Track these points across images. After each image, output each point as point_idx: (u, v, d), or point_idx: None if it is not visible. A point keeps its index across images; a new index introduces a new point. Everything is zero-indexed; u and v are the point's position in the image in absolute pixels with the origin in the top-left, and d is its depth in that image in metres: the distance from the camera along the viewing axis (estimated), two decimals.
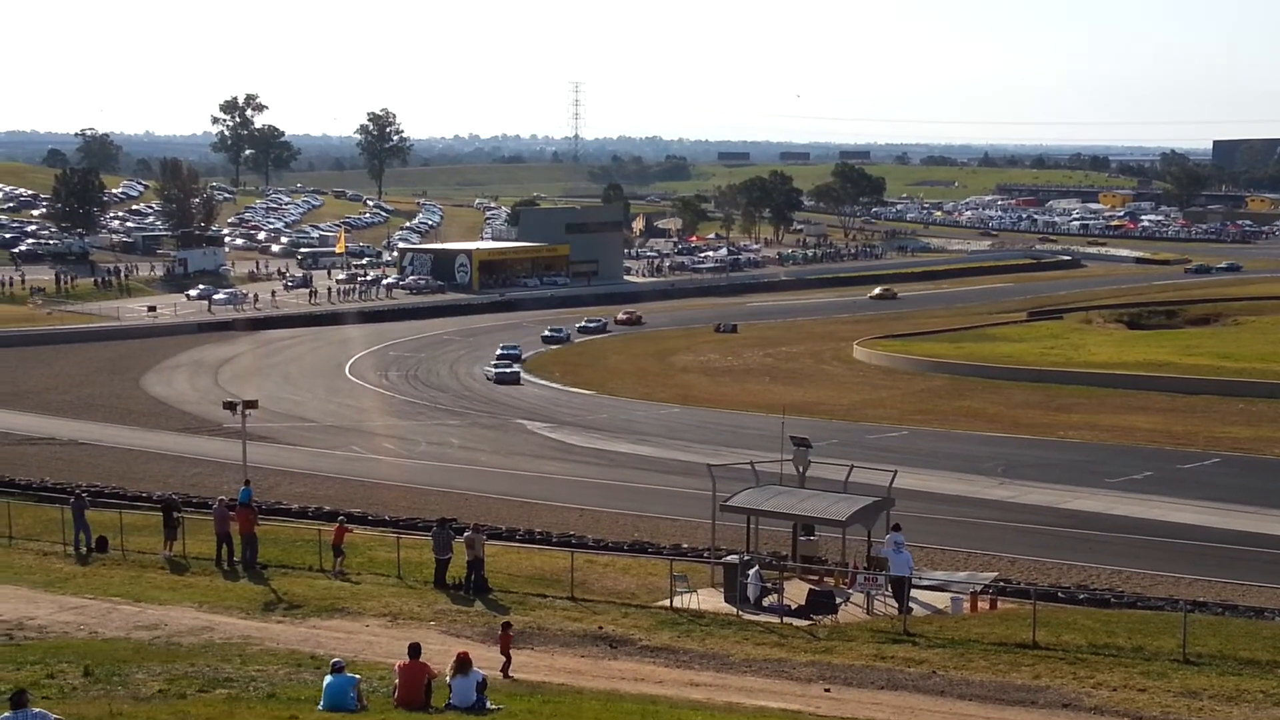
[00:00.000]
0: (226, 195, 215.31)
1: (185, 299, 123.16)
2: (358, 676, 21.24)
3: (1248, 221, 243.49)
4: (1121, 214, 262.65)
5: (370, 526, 42.20)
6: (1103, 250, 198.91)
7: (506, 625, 25.62)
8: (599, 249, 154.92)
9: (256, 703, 21.36)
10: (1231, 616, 31.16)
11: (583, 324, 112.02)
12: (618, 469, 56.66)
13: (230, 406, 46.49)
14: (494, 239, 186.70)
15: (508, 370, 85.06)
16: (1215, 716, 22.44)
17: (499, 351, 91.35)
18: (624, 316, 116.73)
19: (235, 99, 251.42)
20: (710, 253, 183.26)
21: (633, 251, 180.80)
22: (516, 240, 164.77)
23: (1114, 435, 62.55)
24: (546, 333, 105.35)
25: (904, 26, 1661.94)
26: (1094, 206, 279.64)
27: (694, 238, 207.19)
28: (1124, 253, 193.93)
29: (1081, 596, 33.94)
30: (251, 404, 46.51)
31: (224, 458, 55.10)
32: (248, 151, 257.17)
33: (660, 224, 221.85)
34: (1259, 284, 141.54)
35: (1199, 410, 68.81)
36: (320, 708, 20.51)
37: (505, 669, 24.57)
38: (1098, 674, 24.67)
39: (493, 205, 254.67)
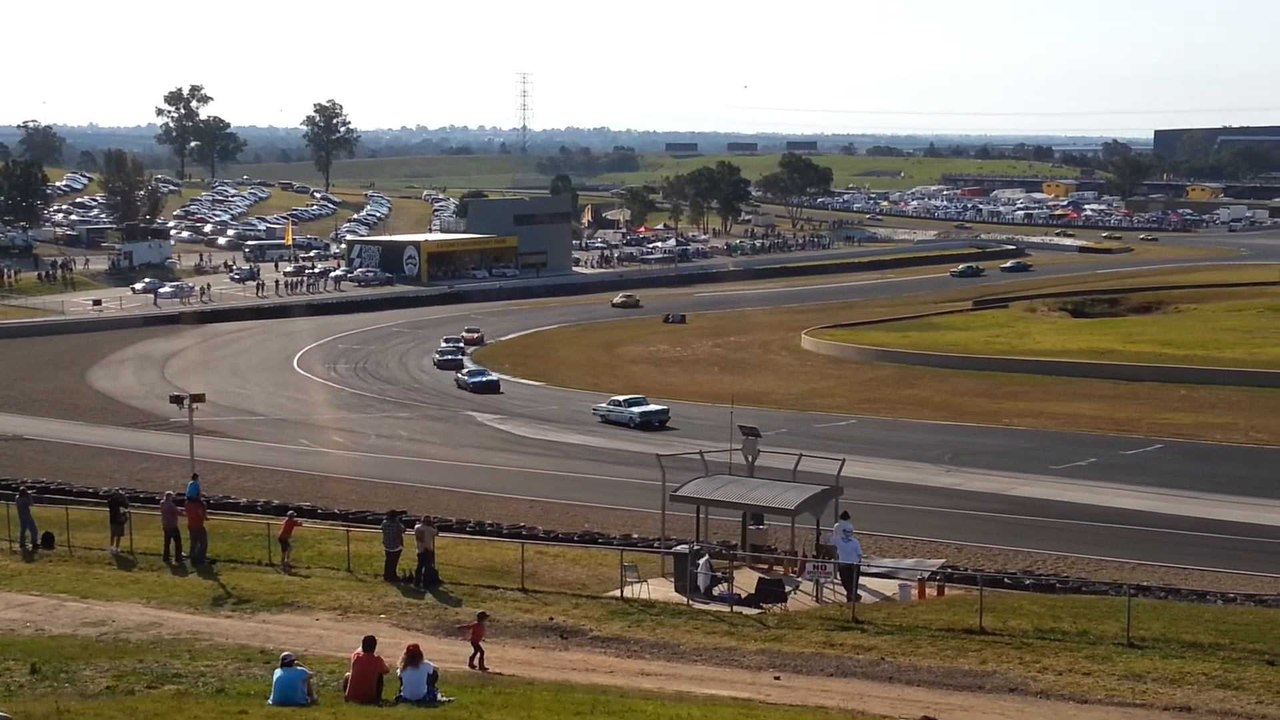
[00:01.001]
0: (172, 188, 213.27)
1: (130, 292, 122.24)
2: (308, 670, 21.18)
3: (1188, 210, 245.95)
4: (1065, 203, 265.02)
5: (320, 520, 42.03)
6: (1047, 239, 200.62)
7: (482, 616, 25.67)
8: (548, 240, 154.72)
9: (205, 698, 21.26)
10: (1174, 600, 31.57)
11: (441, 347, 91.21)
12: (567, 460, 56.72)
13: (177, 400, 46.12)
14: (442, 231, 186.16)
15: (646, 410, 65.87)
16: (1159, 699, 22.76)
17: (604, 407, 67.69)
18: (468, 334, 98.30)
19: (180, 90, 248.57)
20: (659, 243, 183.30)
21: (581, 243, 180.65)
22: (465, 232, 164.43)
23: (1058, 422, 63.16)
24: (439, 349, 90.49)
25: (850, 18, 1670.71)
26: (1038, 196, 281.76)
27: (642, 228, 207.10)
28: (1067, 241, 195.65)
29: (1027, 582, 34.33)
30: (198, 398, 46.22)
31: (171, 452, 54.72)
32: (193, 143, 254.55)
33: (608, 215, 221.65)
34: (1200, 272, 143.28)
35: (1142, 397, 69.59)
36: (270, 702, 20.45)
37: (476, 660, 24.62)
38: (1043, 658, 24.96)
39: (441, 197, 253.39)
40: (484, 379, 77.29)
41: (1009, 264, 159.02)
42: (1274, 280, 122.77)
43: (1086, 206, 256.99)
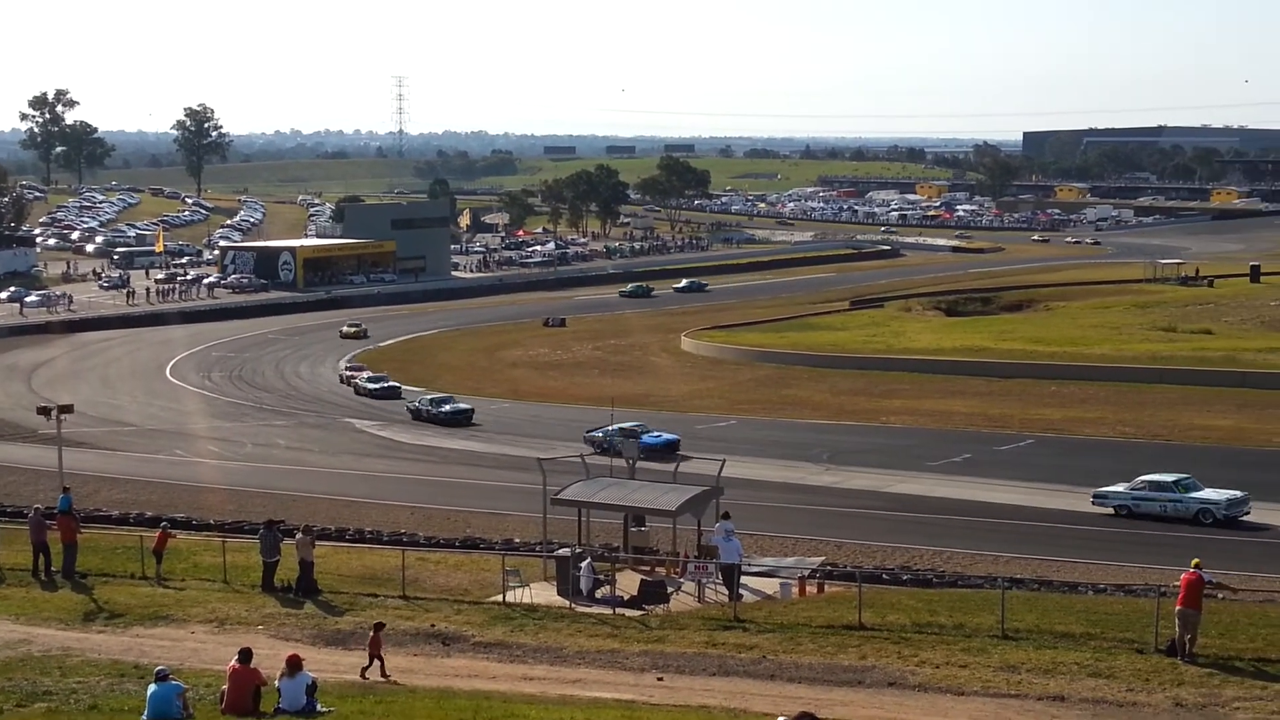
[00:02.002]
0: (37, 194, 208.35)
1: None
2: (183, 685, 20.80)
3: (1057, 210, 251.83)
4: (938, 204, 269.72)
5: (195, 531, 41.34)
6: (920, 239, 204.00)
7: (379, 626, 25.41)
8: (426, 245, 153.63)
9: (78, 715, 20.86)
10: (1047, 592, 32.21)
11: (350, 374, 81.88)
12: (448, 465, 56.36)
13: (44, 412, 45.06)
14: (318, 236, 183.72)
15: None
16: (1033, 689, 23.22)
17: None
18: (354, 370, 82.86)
19: (45, 95, 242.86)
20: (538, 247, 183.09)
21: (461, 247, 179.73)
22: (342, 237, 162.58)
23: (934, 420, 64.17)
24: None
25: (726, 22, 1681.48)
26: (911, 197, 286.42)
27: (521, 232, 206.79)
28: (940, 242, 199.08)
29: (905, 577, 34.79)
30: (67, 409, 45.19)
31: (39, 465, 53.35)
32: (59, 149, 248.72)
33: (487, 219, 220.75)
34: (1068, 270, 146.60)
35: (1014, 393, 70.95)
36: (144, 718, 20.07)
37: (364, 670, 24.40)
38: (921, 652, 25.33)
39: (317, 202, 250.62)
40: (453, 408, 67.47)
41: (682, 284, 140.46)
42: (1138, 278, 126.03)
43: (959, 207, 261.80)
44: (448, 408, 67.43)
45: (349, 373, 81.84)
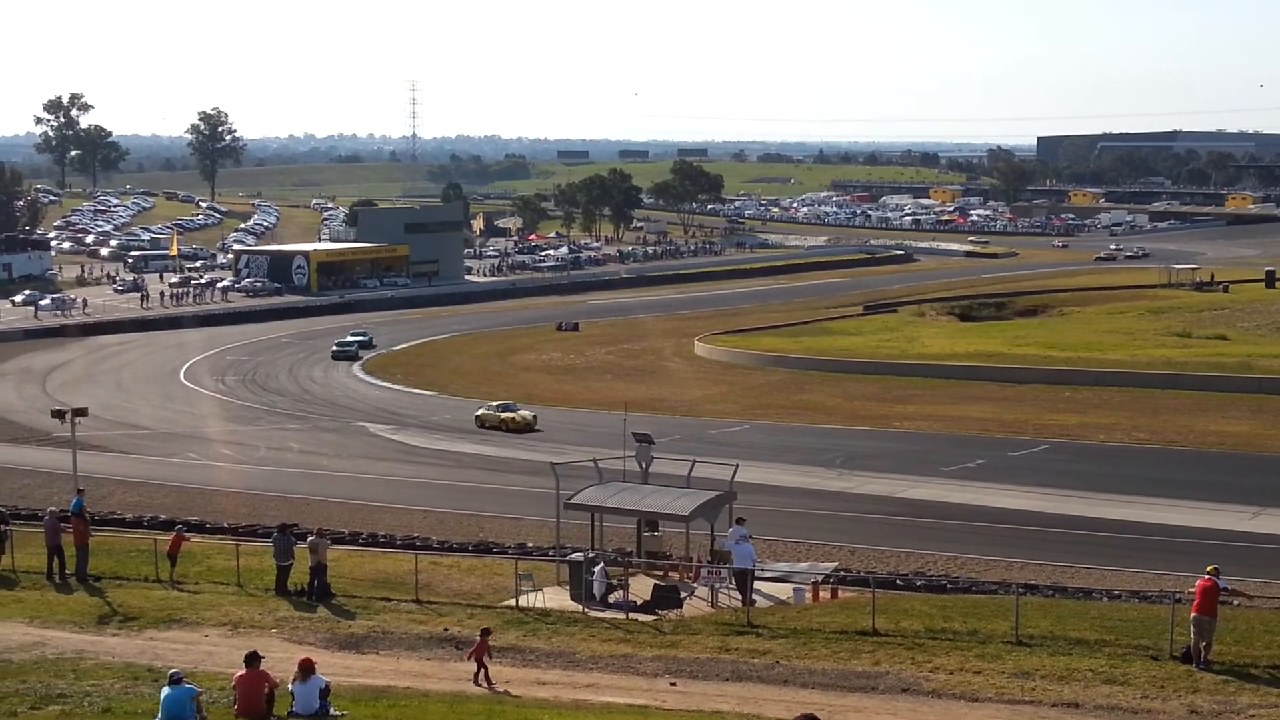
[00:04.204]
0: (52, 198, 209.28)
1: (10, 305, 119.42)
2: (197, 688, 20.79)
3: (1071, 215, 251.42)
4: (952, 209, 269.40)
5: (209, 534, 41.35)
6: (934, 244, 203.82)
7: (485, 632, 25.28)
8: (439, 249, 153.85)
9: (91, 718, 20.85)
10: (1061, 598, 32.10)
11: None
12: (461, 469, 56.37)
13: (59, 415, 45.08)
14: (332, 240, 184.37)
15: None
16: (1047, 695, 23.13)
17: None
18: None
19: (59, 98, 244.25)
20: (551, 251, 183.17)
21: (475, 251, 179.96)
22: (355, 241, 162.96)
23: (948, 425, 64.01)
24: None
25: (738, 26, 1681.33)
26: (925, 202, 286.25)
27: (534, 236, 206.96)
28: (954, 246, 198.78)
29: (919, 583, 34.71)
30: (81, 411, 45.23)
31: (54, 468, 53.46)
32: (74, 152, 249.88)
33: (500, 223, 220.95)
34: (1083, 275, 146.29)
35: (1028, 399, 70.79)
36: None
37: (481, 677, 24.32)
38: (935, 658, 25.25)
39: (330, 206, 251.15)
40: None
41: (348, 339, 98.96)
42: (1153, 283, 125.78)
43: (972, 212, 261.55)
44: None
45: None
